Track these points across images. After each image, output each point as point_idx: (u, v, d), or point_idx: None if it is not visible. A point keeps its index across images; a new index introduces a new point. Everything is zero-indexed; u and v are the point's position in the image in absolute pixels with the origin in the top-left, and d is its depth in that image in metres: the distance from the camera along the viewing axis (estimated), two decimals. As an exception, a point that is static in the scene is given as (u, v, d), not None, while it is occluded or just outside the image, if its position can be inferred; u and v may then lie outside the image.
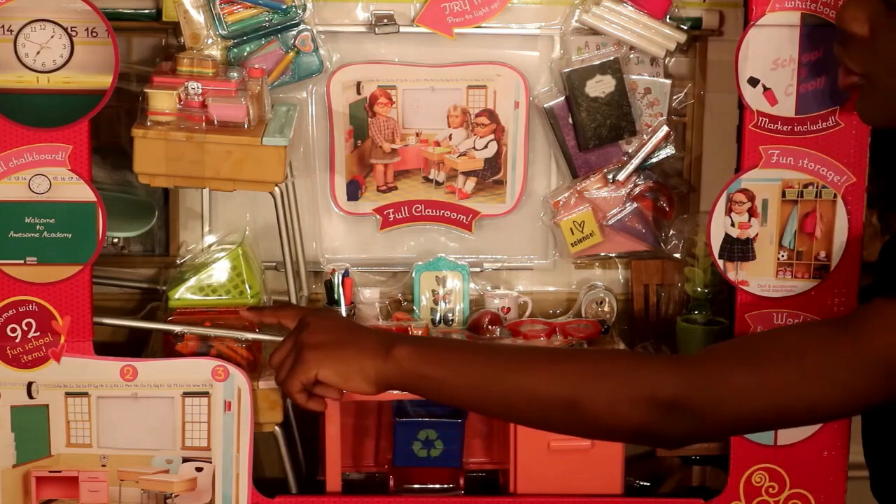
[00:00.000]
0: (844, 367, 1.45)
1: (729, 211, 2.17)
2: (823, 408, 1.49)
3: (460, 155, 2.41)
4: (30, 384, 2.12)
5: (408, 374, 1.60)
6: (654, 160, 2.41)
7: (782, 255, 2.17)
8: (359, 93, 2.38)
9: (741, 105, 2.15)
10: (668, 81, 2.38)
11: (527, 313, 2.43)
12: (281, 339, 2.20)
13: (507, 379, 1.57)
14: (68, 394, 2.13)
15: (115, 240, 2.39)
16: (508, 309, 2.41)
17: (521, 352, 1.71)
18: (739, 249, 2.17)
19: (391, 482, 2.31)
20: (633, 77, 2.37)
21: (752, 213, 2.16)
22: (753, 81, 2.12)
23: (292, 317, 1.82)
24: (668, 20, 2.33)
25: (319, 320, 1.74)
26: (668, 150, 2.41)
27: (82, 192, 2.07)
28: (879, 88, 1.53)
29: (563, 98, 2.37)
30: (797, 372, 1.47)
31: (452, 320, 2.40)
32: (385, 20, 2.32)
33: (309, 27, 2.29)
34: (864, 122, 1.59)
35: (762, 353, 1.50)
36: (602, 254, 2.46)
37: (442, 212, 2.43)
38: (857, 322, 1.47)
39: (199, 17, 2.23)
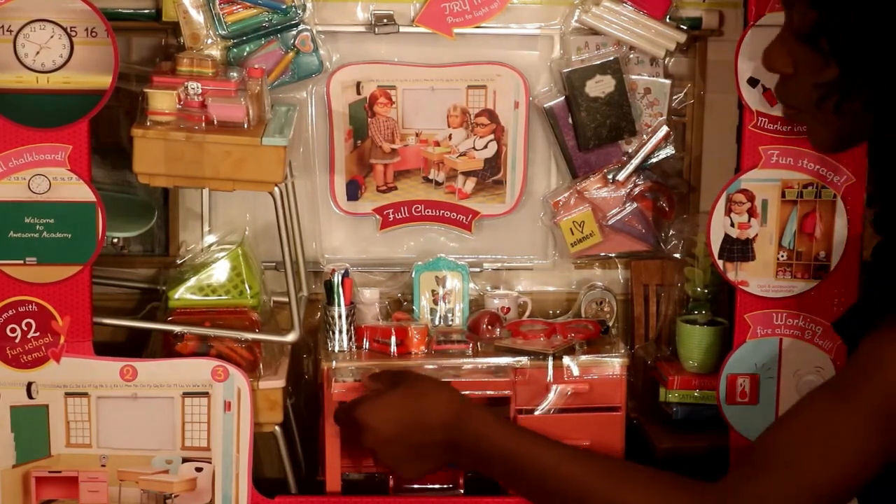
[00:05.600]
0: (859, 434, 1.45)
1: (729, 211, 2.17)
2: (859, 479, 1.48)
3: (460, 155, 2.41)
4: (29, 384, 2.12)
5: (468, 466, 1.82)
6: (654, 160, 2.41)
7: (782, 256, 2.17)
8: (358, 93, 2.38)
9: (741, 105, 2.15)
10: (668, 81, 2.38)
11: (526, 313, 2.43)
12: (279, 338, 2.21)
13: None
14: (68, 394, 2.13)
15: (115, 240, 2.39)
16: (508, 309, 2.41)
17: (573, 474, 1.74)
18: (739, 249, 2.17)
19: (391, 482, 2.31)
20: (633, 77, 2.37)
21: (751, 213, 2.16)
22: (753, 81, 2.12)
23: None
24: (668, 20, 2.33)
25: (367, 433, 1.84)
26: (668, 150, 2.41)
27: (82, 193, 2.07)
28: (816, 118, 1.56)
29: (562, 98, 2.37)
30: (819, 463, 1.47)
31: (452, 320, 2.40)
32: (385, 20, 2.32)
33: (309, 27, 2.29)
34: (818, 151, 1.61)
35: (776, 459, 1.50)
36: (602, 254, 2.46)
37: (442, 212, 2.43)
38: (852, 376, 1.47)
39: (198, 17, 2.23)
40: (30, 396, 2.12)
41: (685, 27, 2.33)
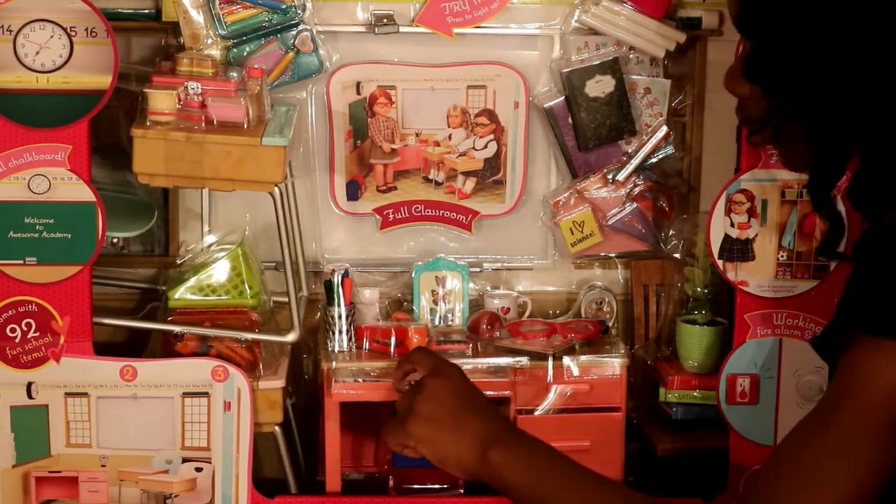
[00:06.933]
0: (852, 455, 1.44)
1: (728, 211, 2.17)
2: (861, 497, 1.47)
3: (460, 155, 2.41)
4: (29, 384, 2.12)
5: (497, 478, 1.67)
6: (653, 160, 2.41)
7: (782, 256, 2.17)
8: (358, 93, 2.38)
9: (741, 105, 2.15)
10: (668, 81, 2.38)
11: (526, 313, 2.43)
12: (279, 338, 2.21)
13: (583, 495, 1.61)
14: (68, 394, 2.13)
15: (115, 240, 2.39)
16: (508, 309, 2.41)
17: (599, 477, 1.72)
18: (739, 249, 2.17)
19: (391, 482, 2.31)
20: (633, 77, 2.37)
21: (751, 213, 2.16)
22: (753, 81, 2.12)
23: (424, 365, 1.85)
24: (667, 20, 2.33)
25: (435, 388, 1.78)
26: (668, 150, 2.41)
27: (82, 193, 2.07)
28: (779, 139, 1.55)
29: (562, 98, 2.37)
30: (813, 495, 1.46)
31: (452, 320, 2.40)
32: (385, 20, 2.32)
33: (308, 27, 2.29)
34: (791, 170, 1.60)
35: (770, 495, 1.49)
36: (602, 254, 2.46)
37: (442, 212, 2.43)
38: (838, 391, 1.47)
39: (198, 17, 2.23)
40: (30, 396, 2.12)
41: (685, 27, 2.33)
